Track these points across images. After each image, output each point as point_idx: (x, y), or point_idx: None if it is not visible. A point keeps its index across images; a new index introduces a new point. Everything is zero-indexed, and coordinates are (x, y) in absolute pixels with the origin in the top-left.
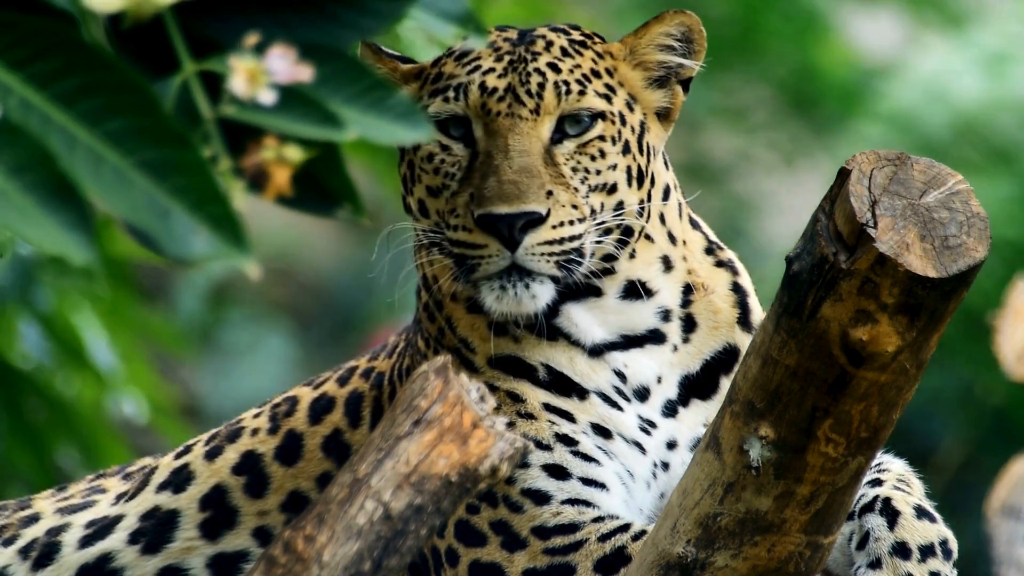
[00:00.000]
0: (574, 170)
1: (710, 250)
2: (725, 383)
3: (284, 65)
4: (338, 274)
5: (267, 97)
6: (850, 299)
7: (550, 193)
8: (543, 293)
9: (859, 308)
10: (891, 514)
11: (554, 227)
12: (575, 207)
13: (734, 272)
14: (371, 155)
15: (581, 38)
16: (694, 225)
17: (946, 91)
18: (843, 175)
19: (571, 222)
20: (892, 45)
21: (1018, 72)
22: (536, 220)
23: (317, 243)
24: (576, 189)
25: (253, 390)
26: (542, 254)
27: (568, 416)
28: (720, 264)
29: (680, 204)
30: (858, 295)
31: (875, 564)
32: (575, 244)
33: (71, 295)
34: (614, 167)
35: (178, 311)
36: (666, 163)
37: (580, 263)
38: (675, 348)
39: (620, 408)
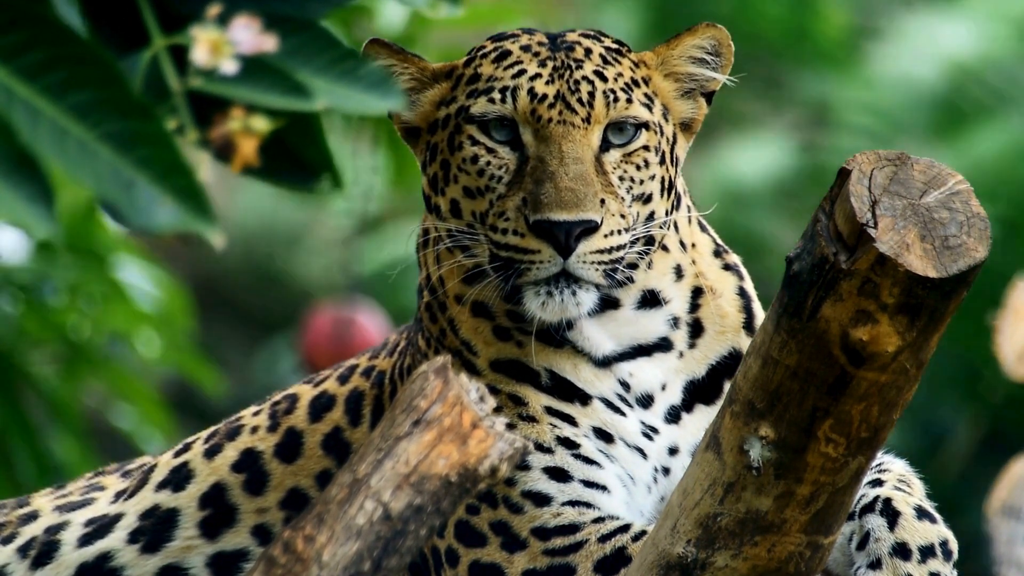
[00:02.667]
0: (621, 179)
1: (717, 253)
2: None
3: (248, 35)
4: None
5: (230, 67)
6: (850, 299)
7: (603, 202)
8: (587, 301)
9: (859, 308)
10: (891, 514)
11: (605, 236)
12: (623, 216)
13: (740, 276)
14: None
15: (615, 45)
16: (702, 228)
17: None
18: (843, 175)
19: (619, 231)
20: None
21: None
22: (592, 228)
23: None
24: (622, 198)
25: None
26: (592, 262)
27: (570, 420)
28: (727, 267)
29: (689, 208)
30: (858, 295)
31: (875, 564)
32: (621, 253)
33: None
34: (653, 177)
35: None
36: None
37: (622, 272)
38: (680, 355)
39: (623, 413)
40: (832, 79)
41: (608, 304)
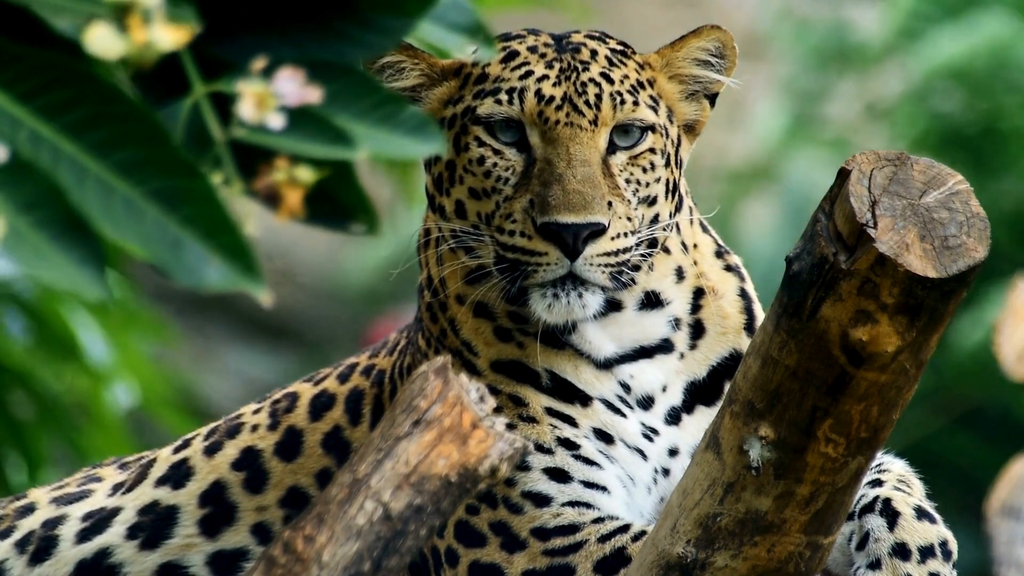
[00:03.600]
0: (627, 181)
1: (719, 254)
2: None
3: (293, 87)
4: None
5: (276, 121)
6: (850, 299)
7: (610, 204)
8: (593, 303)
9: (859, 308)
10: (891, 515)
11: (612, 238)
12: (629, 219)
13: (741, 278)
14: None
15: (620, 47)
16: (703, 228)
17: None
18: (843, 175)
19: (626, 234)
20: None
21: None
22: (599, 231)
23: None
24: (629, 201)
25: None
26: (599, 265)
27: (570, 420)
28: (728, 268)
29: (691, 209)
30: (858, 295)
31: (875, 565)
32: (628, 256)
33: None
34: (658, 180)
35: None
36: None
37: (628, 274)
38: (681, 356)
39: (623, 414)
40: None
41: (610, 306)
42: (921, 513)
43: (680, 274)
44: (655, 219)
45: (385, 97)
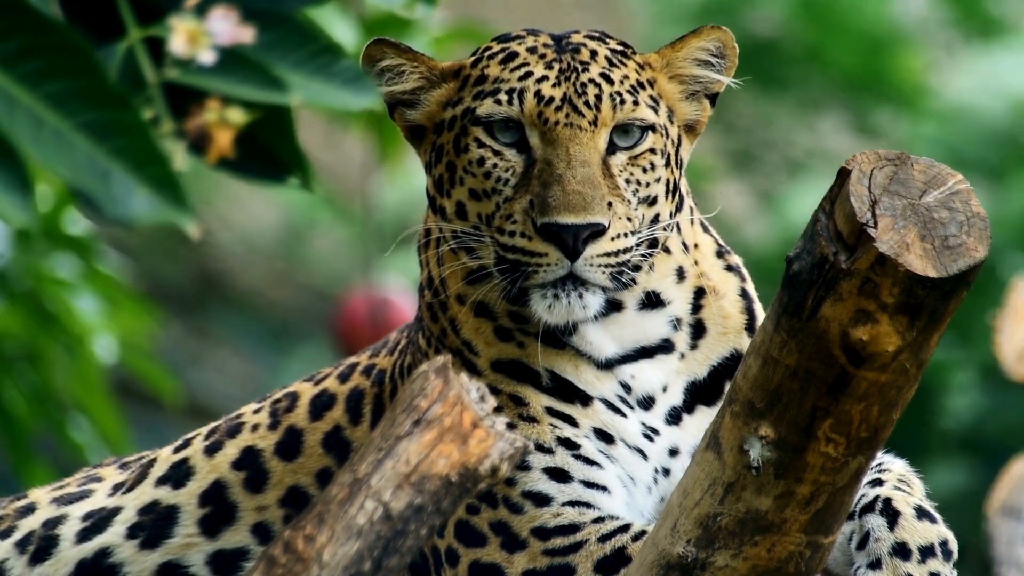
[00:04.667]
0: (627, 182)
1: (720, 254)
2: None
3: (226, 26)
4: None
5: (207, 58)
6: (850, 299)
7: (610, 205)
8: (594, 303)
9: (859, 308)
10: (891, 514)
11: (613, 239)
12: (629, 219)
13: (742, 278)
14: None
15: (620, 47)
16: (704, 228)
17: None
18: (843, 175)
19: (626, 234)
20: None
21: None
22: (599, 231)
23: None
24: (629, 201)
25: None
26: (599, 265)
27: (570, 420)
28: (729, 268)
29: (692, 209)
30: (858, 295)
31: (875, 564)
32: (628, 256)
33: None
34: (659, 180)
35: None
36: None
37: (628, 274)
38: (682, 356)
39: (623, 414)
40: (906, 116)
41: (611, 307)
42: (921, 513)
43: (681, 274)
44: (655, 219)
45: (322, 47)
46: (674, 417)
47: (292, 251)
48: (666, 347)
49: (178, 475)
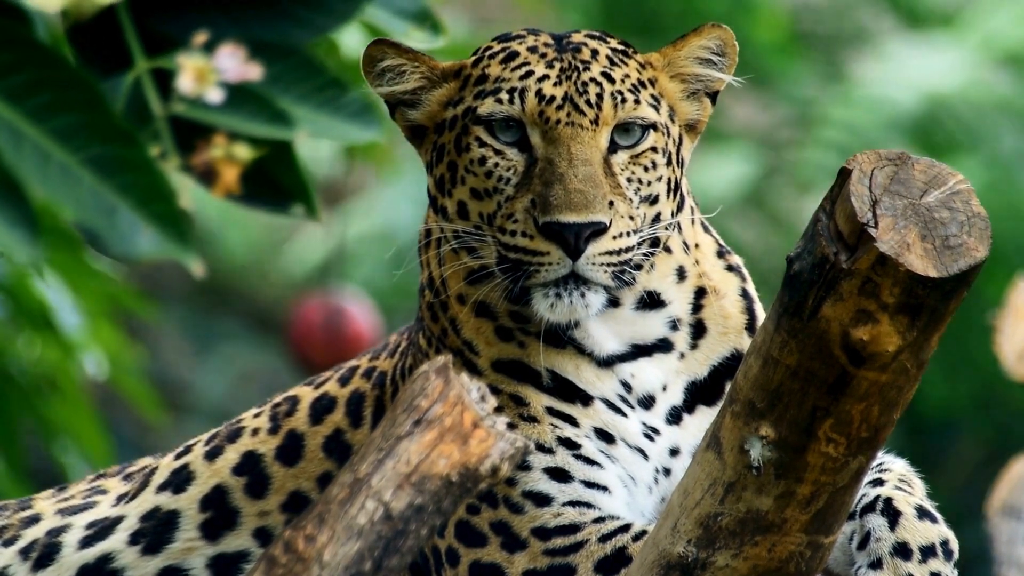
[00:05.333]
0: (629, 180)
1: (720, 254)
2: None
3: (233, 63)
4: None
5: (215, 95)
6: (851, 299)
7: (611, 203)
8: (596, 302)
9: (860, 308)
10: (892, 514)
11: (614, 238)
12: (631, 218)
13: (742, 278)
14: None
15: (621, 46)
16: (704, 228)
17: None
18: (844, 175)
19: (627, 233)
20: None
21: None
22: (601, 230)
23: None
24: (630, 200)
25: None
26: (601, 264)
27: (571, 420)
28: (730, 268)
29: (692, 209)
30: (859, 295)
31: (876, 564)
32: (630, 255)
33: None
34: (660, 178)
35: None
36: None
37: (630, 273)
38: (682, 356)
39: (624, 414)
40: (817, 88)
41: (609, 303)
42: (922, 512)
43: (681, 274)
44: (657, 218)
45: (327, 81)
46: (675, 417)
47: (292, 251)
48: (664, 346)
49: (179, 481)
